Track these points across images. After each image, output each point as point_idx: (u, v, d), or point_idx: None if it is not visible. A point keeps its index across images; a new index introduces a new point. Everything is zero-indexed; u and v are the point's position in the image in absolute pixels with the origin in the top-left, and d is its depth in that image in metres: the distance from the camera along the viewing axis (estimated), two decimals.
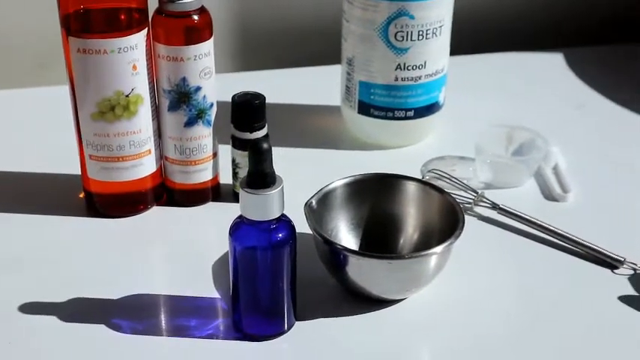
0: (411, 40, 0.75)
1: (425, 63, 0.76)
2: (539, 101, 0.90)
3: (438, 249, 0.58)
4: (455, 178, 0.72)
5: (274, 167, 0.53)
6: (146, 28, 0.64)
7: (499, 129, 0.78)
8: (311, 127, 0.85)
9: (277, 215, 0.54)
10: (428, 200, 0.63)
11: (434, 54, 0.76)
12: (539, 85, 0.94)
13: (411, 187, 0.64)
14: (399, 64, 0.76)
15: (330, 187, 0.63)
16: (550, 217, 0.69)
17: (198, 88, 0.66)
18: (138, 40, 0.63)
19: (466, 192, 0.72)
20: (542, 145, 0.75)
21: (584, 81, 0.94)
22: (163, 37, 0.65)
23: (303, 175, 0.70)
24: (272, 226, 0.55)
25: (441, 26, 0.75)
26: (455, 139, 0.82)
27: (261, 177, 0.53)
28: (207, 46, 0.66)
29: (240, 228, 0.55)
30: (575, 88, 0.93)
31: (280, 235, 0.55)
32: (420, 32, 0.74)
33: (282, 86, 0.91)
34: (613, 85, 0.93)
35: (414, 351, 0.58)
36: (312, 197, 0.62)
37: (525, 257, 0.67)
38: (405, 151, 0.80)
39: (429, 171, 0.74)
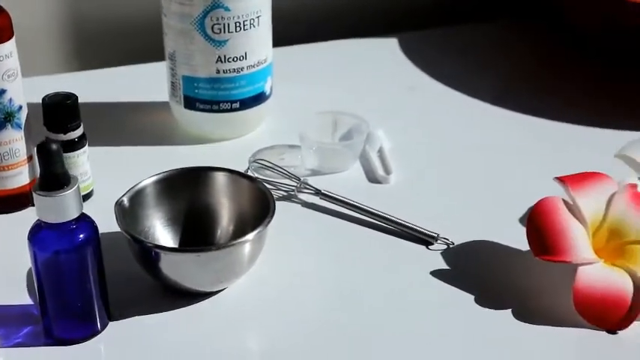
0: (229, 32, 0.75)
1: (245, 54, 0.76)
2: (371, 87, 0.92)
3: (248, 237, 0.58)
4: (278, 167, 0.73)
5: (89, 167, 0.52)
6: None
7: (324, 116, 0.79)
8: (142, 124, 0.83)
9: (75, 216, 0.53)
10: (239, 190, 0.63)
11: (254, 45, 0.77)
12: (371, 71, 0.96)
13: (221, 178, 0.64)
14: (219, 57, 0.75)
15: (141, 185, 0.62)
16: (373, 199, 0.71)
17: (3, 91, 0.64)
18: None
19: (290, 179, 0.72)
20: (365, 129, 0.77)
21: (417, 65, 0.97)
22: None
23: (131, 174, 0.68)
24: (72, 227, 0.54)
25: (258, 17, 0.76)
26: (286, 128, 0.82)
27: (53, 178, 0.52)
28: (8, 48, 0.64)
29: (39, 232, 0.54)
30: (407, 72, 0.95)
31: (82, 235, 0.54)
32: (237, 24, 0.75)
33: (112, 85, 0.90)
34: (443, 67, 0.96)
35: (234, 342, 0.58)
36: (122, 196, 0.61)
37: (345, 240, 0.68)
38: (235, 143, 0.80)
39: (254, 161, 0.75)
